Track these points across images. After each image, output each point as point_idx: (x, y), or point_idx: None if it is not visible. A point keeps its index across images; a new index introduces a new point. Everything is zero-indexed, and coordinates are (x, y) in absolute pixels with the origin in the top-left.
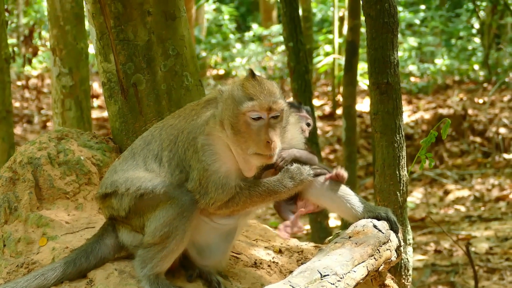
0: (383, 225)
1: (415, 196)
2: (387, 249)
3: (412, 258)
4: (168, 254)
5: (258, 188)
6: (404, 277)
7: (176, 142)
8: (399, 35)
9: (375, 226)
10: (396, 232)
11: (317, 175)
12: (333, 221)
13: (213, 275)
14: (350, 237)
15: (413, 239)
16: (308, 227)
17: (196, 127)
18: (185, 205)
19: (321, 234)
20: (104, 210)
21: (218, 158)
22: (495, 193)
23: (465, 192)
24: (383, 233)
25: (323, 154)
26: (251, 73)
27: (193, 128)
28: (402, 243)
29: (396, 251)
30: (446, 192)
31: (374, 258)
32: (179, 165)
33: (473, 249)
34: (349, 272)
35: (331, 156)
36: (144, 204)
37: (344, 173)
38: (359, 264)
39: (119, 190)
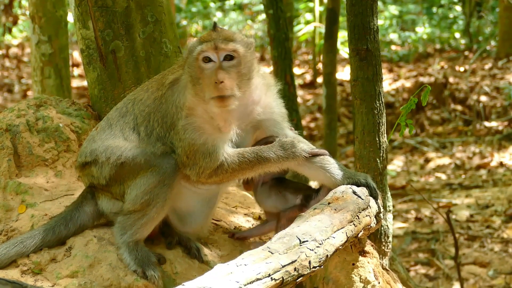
0: (362, 191)
1: (396, 164)
2: (366, 215)
3: (392, 225)
4: (148, 221)
5: (247, 154)
6: (384, 244)
7: (150, 120)
8: (380, 3)
9: (354, 192)
10: (375, 198)
11: (314, 154)
12: None
13: (193, 242)
14: (329, 203)
15: (393, 207)
16: None
17: (168, 112)
18: (166, 173)
19: None
20: (83, 178)
21: (202, 132)
22: (476, 161)
23: (446, 160)
24: (362, 199)
25: (304, 122)
26: (214, 25)
27: (166, 113)
28: (382, 210)
29: (375, 217)
30: (427, 160)
31: (354, 224)
32: (160, 140)
33: (453, 216)
34: (328, 238)
35: (312, 124)
36: (125, 172)
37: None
38: (338, 230)
39: (99, 158)
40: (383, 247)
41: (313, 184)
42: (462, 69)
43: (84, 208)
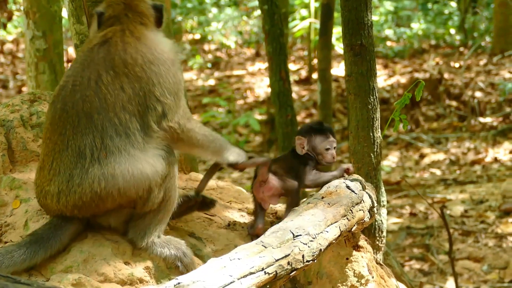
0: (356, 185)
1: (391, 160)
2: (360, 210)
3: (387, 220)
4: (166, 214)
5: (208, 131)
6: (378, 238)
7: (123, 112)
8: (375, 0)
9: (348, 187)
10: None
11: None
12: None
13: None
14: (323, 197)
15: (388, 202)
16: None
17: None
18: (173, 162)
19: None
20: None
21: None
22: (471, 156)
23: (440, 156)
24: (356, 193)
25: (299, 118)
26: None
27: (113, 106)
28: (376, 204)
29: (369, 211)
30: (422, 156)
31: (347, 219)
32: (142, 128)
33: (448, 212)
34: (321, 232)
35: (307, 120)
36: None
37: (351, 168)
38: (331, 224)
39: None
40: (377, 242)
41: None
42: (457, 65)
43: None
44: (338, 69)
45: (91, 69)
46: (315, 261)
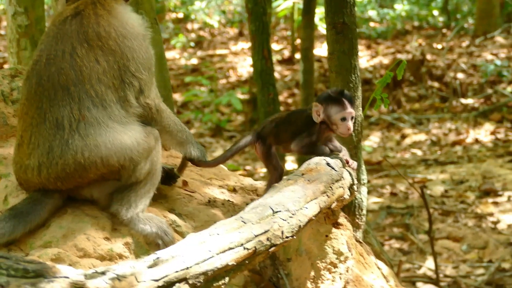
0: (336, 163)
1: (373, 140)
2: (340, 187)
3: (366, 198)
4: (151, 188)
5: (178, 119)
6: (358, 216)
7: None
8: None
9: (328, 164)
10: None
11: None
12: (290, 164)
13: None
14: (303, 174)
15: (369, 182)
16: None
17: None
18: (157, 136)
19: None
20: None
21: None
22: (452, 137)
23: (422, 136)
24: (336, 170)
25: (281, 98)
26: None
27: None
28: (356, 182)
29: (349, 189)
30: (403, 136)
31: (327, 195)
32: (121, 97)
33: (428, 192)
34: (301, 208)
35: (289, 100)
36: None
37: (354, 165)
38: (311, 201)
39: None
40: (357, 220)
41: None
42: (439, 46)
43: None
44: (321, 49)
45: (65, 42)
46: (294, 237)
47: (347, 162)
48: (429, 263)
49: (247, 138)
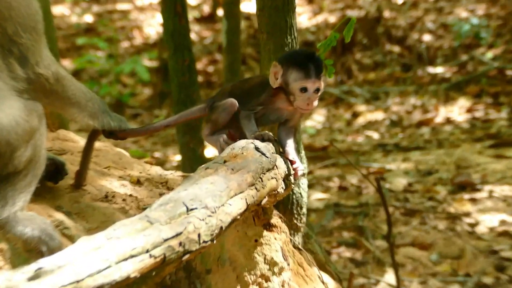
0: (267, 147)
1: (316, 119)
2: (272, 178)
3: (307, 194)
4: (34, 180)
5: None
6: (296, 216)
7: None
8: None
9: (257, 149)
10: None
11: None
12: (211, 150)
13: None
14: (225, 161)
15: (311, 172)
16: (179, 157)
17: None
18: (42, 116)
19: (194, 164)
20: None
21: None
22: (417, 116)
23: (378, 115)
24: (267, 157)
25: (199, 65)
26: None
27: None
28: (293, 172)
29: (284, 181)
30: (355, 115)
31: (256, 189)
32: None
33: (387, 185)
34: (223, 205)
35: (210, 68)
36: None
37: (300, 170)
38: (236, 195)
39: None
40: (295, 221)
41: None
42: (400, 1)
43: None
44: (250, 4)
45: None
46: (215, 242)
47: (292, 164)
48: (389, 277)
49: (200, 105)
